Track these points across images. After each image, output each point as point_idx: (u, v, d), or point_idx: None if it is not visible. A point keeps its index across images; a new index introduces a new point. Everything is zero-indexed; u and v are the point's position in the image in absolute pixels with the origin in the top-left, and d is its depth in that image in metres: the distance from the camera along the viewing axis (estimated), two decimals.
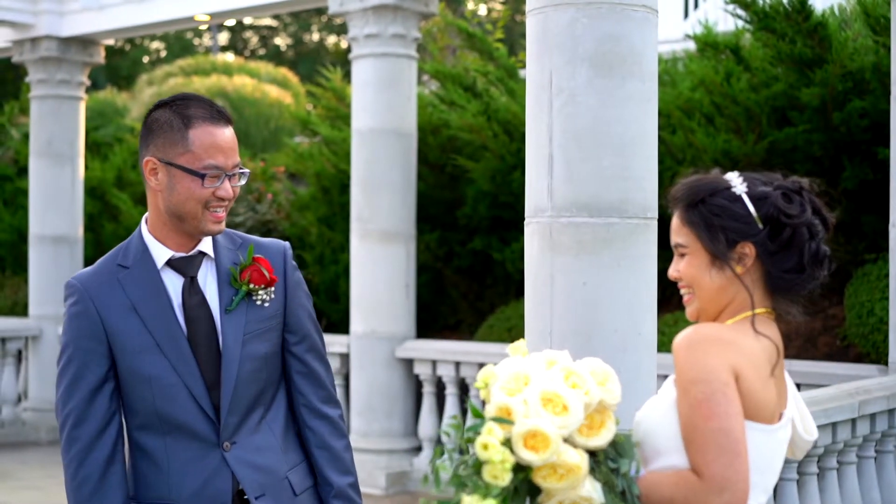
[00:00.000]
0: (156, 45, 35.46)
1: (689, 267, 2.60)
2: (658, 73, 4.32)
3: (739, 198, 2.54)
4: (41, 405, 11.61)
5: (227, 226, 3.17)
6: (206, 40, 35.08)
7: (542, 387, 2.34)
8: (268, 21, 36.52)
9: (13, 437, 11.42)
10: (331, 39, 35.86)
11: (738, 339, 2.48)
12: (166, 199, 3.04)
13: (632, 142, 4.11)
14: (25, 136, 14.04)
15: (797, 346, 8.30)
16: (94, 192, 13.31)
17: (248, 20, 35.23)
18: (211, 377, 3.05)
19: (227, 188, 3.04)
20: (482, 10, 26.25)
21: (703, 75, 8.72)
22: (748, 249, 2.54)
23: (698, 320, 2.66)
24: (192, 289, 3.08)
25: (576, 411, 2.32)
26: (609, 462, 2.37)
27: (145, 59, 34.53)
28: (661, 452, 2.49)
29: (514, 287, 10.02)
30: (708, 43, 8.92)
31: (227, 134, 3.06)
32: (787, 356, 8.09)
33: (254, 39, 37.69)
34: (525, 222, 4.40)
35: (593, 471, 2.35)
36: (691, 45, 10.74)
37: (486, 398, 2.39)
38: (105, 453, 3.02)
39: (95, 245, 13.25)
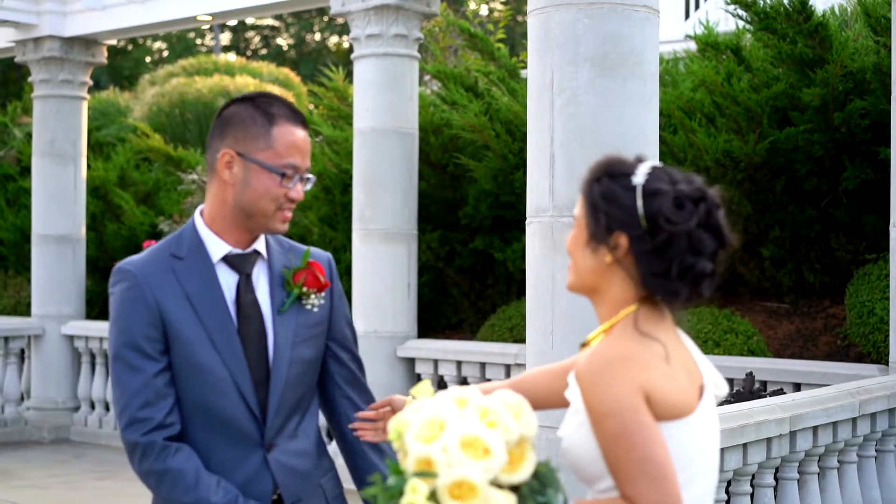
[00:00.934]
0: (158, 45, 35.49)
1: (571, 239, 2.56)
2: (659, 73, 4.34)
3: (634, 188, 2.45)
4: (43, 404, 11.64)
5: None
6: (209, 40, 35.10)
7: (461, 431, 2.22)
8: (270, 21, 36.53)
9: (16, 437, 11.44)
10: (333, 39, 35.88)
11: (633, 352, 2.41)
12: (238, 193, 3.01)
13: (633, 141, 4.12)
14: (28, 136, 14.07)
15: (798, 345, 8.32)
16: (96, 191, 13.33)
17: (250, 20, 35.26)
18: (257, 376, 3.02)
19: (300, 190, 3.03)
20: (484, 11, 26.28)
21: (703, 75, 8.73)
22: (622, 241, 2.46)
23: (577, 292, 2.61)
24: (246, 286, 3.05)
25: (498, 452, 2.22)
26: (536, 496, 2.28)
27: (147, 59, 34.56)
28: (599, 476, 2.44)
29: (515, 286, 10.04)
30: (709, 43, 8.93)
31: (305, 136, 3.05)
32: (788, 355, 8.14)
33: (256, 39, 37.71)
34: (526, 222, 4.41)
35: None
36: (692, 46, 10.76)
37: (400, 449, 2.27)
38: (175, 432, 2.97)
39: (98, 245, 13.27)
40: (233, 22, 32.54)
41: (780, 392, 6.64)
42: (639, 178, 2.47)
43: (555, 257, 4.18)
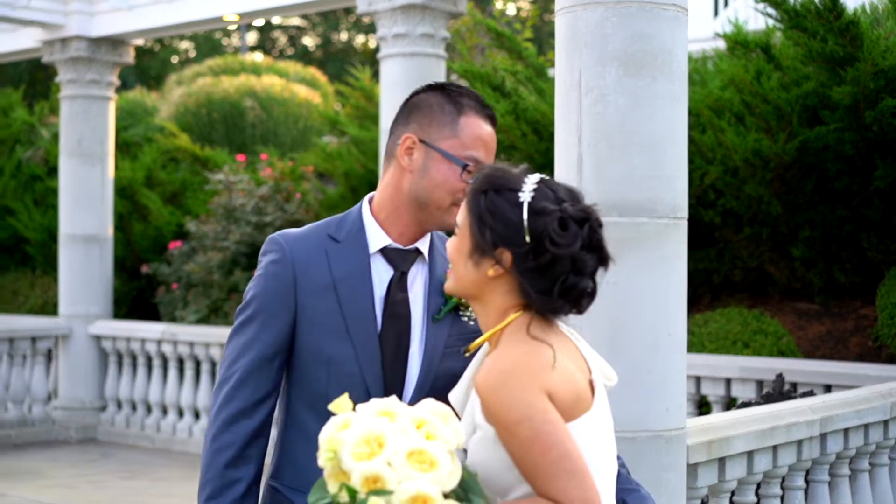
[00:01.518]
0: (185, 45, 35.59)
1: (452, 246, 2.58)
2: (688, 72, 4.29)
3: (520, 205, 2.47)
4: (71, 404, 11.67)
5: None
6: (235, 40, 35.19)
7: (405, 446, 2.23)
8: (296, 21, 36.59)
9: (43, 436, 11.48)
10: (359, 39, 35.91)
11: (529, 358, 2.43)
12: (415, 181, 2.89)
13: (661, 141, 4.08)
14: (55, 136, 14.11)
15: (829, 346, 8.25)
16: (123, 191, 13.36)
17: (276, 20, 35.32)
18: (391, 381, 2.87)
19: None
20: (511, 10, 26.24)
21: (733, 74, 8.67)
22: (506, 256, 2.48)
23: (456, 296, 2.68)
24: (399, 284, 2.91)
25: (445, 463, 2.24)
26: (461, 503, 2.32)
27: (174, 60, 34.67)
28: (509, 487, 2.46)
29: None
30: (738, 42, 8.87)
31: (492, 132, 2.94)
32: (818, 357, 8.07)
33: (282, 39, 37.78)
34: None
35: None
36: (721, 44, 10.69)
37: (333, 468, 2.26)
38: (255, 425, 2.85)
39: (125, 245, 13.30)
40: (259, 22, 32.60)
41: (811, 394, 6.58)
42: (525, 195, 2.49)
43: None
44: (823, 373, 7.37)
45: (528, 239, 2.46)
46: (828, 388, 7.22)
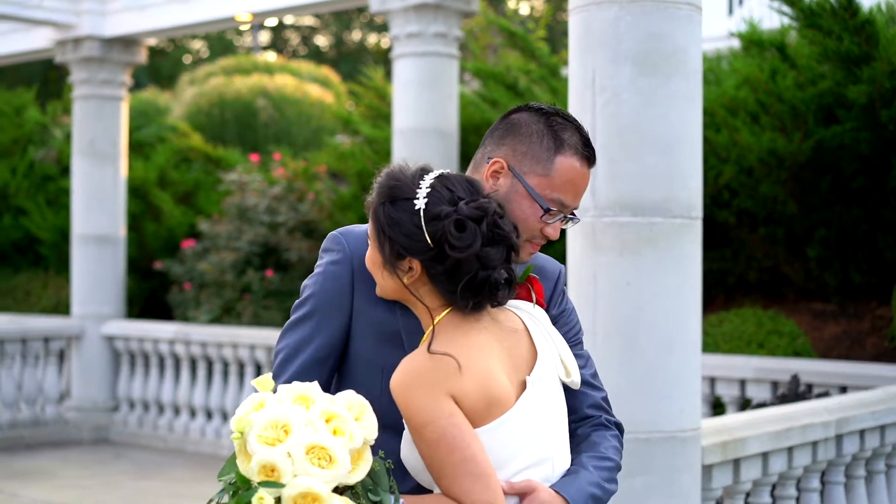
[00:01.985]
0: (197, 44, 35.63)
1: (368, 257, 2.65)
2: (702, 71, 4.26)
3: (417, 213, 2.50)
4: (83, 404, 11.67)
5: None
6: (248, 40, 35.21)
7: (306, 440, 2.28)
8: (309, 20, 36.60)
9: (56, 437, 11.47)
10: (372, 38, 35.89)
11: (438, 363, 2.46)
12: None
13: (676, 141, 4.05)
14: (68, 136, 14.10)
15: (844, 346, 8.21)
16: (136, 191, 13.36)
17: (289, 20, 35.34)
18: None
19: (558, 228, 2.76)
20: (524, 9, 26.21)
21: (747, 73, 8.63)
22: (415, 265, 2.52)
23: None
24: None
25: (343, 462, 2.29)
26: (369, 494, 2.36)
27: (187, 59, 34.70)
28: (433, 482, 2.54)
29: None
30: (753, 41, 8.83)
31: (587, 174, 2.78)
32: (834, 357, 8.02)
33: (295, 39, 37.79)
34: None
35: None
36: (736, 43, 10.64)
37: (240, 448, 2.31)
38: None
39: (138, 245, 13.30)
40: (272, 21, 32.60)
41: (826, 394, 6.55)
42: (420, 202, 2.50)
43: (596, 257, 4.12)
44: (839, 373, 7.32)
45: (430, 244, 2.49)
46: (843, 389, 7.18)
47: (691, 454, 4.10)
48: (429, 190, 2.53)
